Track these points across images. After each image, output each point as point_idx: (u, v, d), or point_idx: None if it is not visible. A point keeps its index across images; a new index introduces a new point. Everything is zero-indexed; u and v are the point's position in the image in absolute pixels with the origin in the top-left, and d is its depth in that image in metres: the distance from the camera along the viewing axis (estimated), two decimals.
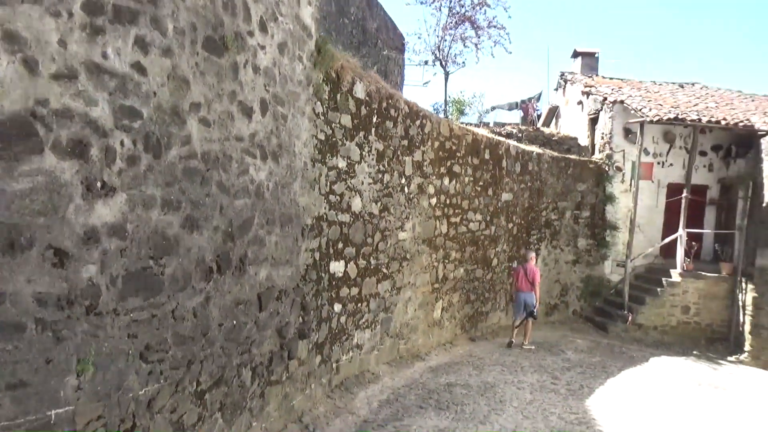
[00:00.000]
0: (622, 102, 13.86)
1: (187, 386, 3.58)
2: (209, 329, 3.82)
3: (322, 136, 5.87)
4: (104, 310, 2.89)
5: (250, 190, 4.33)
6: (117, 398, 2.99)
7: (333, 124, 6.11)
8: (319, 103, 5.75)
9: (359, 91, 6.65)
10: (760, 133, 12.44)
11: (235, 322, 4.15)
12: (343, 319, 6.64)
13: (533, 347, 10.39)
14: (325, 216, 6.04)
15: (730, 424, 7.19)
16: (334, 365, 6.49)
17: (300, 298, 5.43)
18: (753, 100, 15.23)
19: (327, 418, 5.75)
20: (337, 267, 6.41)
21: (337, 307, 6.49)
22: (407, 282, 8.35)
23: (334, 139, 6.14)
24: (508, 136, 14.49)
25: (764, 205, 11.85)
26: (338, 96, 6.19)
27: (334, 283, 6.35)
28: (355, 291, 6.90)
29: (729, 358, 11.97)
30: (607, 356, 10.63)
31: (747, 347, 12.00)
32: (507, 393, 7.26)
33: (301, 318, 5.44)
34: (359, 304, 7.05)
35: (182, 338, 3.52)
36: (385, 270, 7.64)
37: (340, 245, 6.46)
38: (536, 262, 11.03)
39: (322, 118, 5.87)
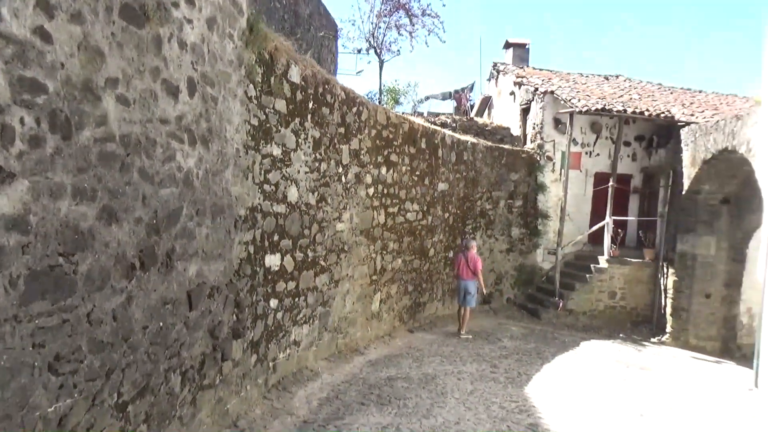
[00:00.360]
0: (552, 93, 14.15)
1: (106, 399, 3.18)
2: (132, 333, 3.42)
3: (255, 122, 5.50)
4: (2, 317, 2.47)
5: (178, 178, 3.94)
6: (21, 418, 2.58)
7: (267, 109, 5.74)
8: (251, 85, 5.37)
9: (294, 74, 6.31)
10: (679, 124, 13.04)
11: (161, 323, 3.76)
12: (279, 315, 6.32)
13: (470, 336, 10.45)
14: (259, 206, 5.69)
15: (659, 404, 7.45)
16: (271, 364, 6.16)
17: (234, 295, 5.07)
18: (672, 93, 16.00)
19: (264, 420, 5.43)
20: (272, 260, 6.07)
21: (274, 302, 6.16)
22: (345, 274, 8.11)
23: (268, 124, 5.78)
24: (443, 125, 14.48)
25: (683, 193, 12.44)
26: (272, 79, 5.82)
27: (269, 277, 6.02)
28: (292, 285, 6.58)
29: (652, 340, 12.55)
30: (542, 342, 10.85)
31: (668, 329, 12.61)
32: (448, 384, 7.19)
33: (235, 316, 5.08)
34: (296, 299, 6.75)
35: (100, 345, 3.11)
36: (322, 263, 7.37)
37: (276, 237, 6.12)
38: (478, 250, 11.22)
39: (255, 102, 5.49)
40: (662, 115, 13.34)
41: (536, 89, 14.68)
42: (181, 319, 4.04)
